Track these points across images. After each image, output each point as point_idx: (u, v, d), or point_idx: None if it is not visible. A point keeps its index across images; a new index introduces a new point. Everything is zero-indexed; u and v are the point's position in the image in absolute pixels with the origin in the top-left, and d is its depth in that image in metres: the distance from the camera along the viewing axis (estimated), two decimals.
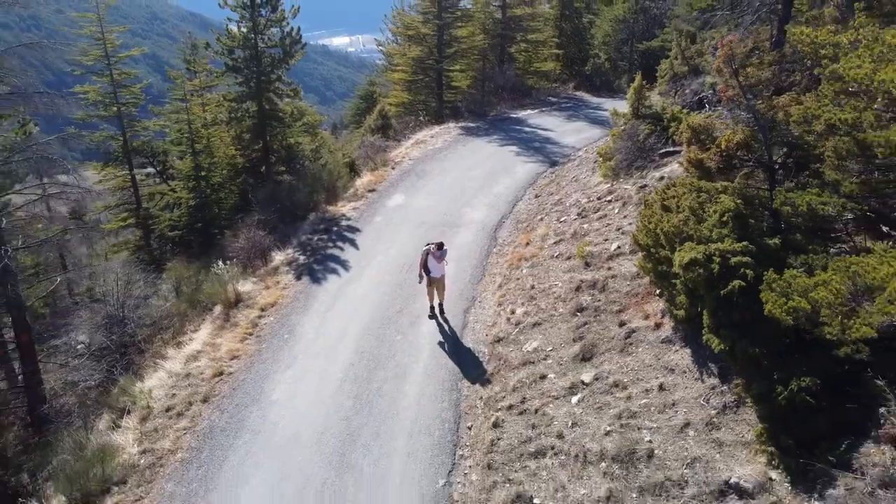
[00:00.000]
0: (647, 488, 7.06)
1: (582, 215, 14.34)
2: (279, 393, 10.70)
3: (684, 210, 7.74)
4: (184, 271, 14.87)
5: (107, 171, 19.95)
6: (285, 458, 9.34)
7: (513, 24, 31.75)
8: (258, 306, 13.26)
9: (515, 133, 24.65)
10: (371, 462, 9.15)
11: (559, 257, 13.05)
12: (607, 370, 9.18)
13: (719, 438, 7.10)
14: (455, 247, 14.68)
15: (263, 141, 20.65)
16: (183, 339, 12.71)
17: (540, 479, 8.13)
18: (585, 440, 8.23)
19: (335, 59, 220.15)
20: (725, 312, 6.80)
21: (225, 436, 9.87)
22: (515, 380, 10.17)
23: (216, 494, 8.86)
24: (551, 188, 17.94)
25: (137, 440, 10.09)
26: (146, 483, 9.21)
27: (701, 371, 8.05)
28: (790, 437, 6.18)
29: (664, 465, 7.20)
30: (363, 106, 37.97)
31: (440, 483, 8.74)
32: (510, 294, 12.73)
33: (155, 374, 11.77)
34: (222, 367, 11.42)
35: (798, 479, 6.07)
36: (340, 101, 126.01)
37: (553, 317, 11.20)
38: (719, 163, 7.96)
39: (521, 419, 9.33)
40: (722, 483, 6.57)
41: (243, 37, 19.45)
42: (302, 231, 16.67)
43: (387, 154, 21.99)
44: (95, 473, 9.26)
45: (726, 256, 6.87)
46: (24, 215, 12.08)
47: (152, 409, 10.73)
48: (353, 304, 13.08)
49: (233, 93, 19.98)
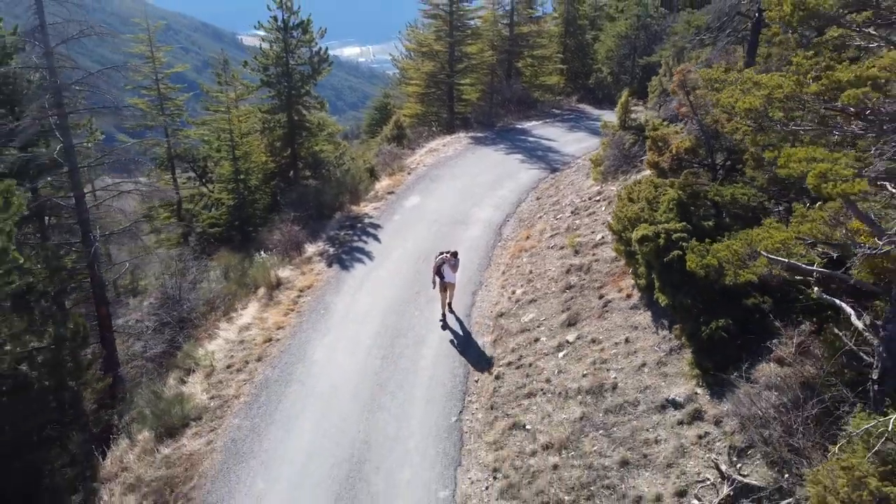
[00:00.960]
0: (611, 409, 9.47)
1: (575, 213, 16.80)
2: (319, 354, 13.18)
3: (642, 201, 10.19)
4: (231, 259, 17.42)
5: (152, 174, 22.60)
6: (327, 402, 11.80)
7: (520, 41, 34.40)
8: (297, 288, 15.78)
9: (520, 142, 27.16)
10: (397, 405, 11.58)
11: (554, 248, 15.50)
12: (587, 331, 11.61)
13: (665, 372, 9.51)
14: (465, 241, 17.19)
15: (292, 148, 23.28)
16: (233, 315, 15.24)
17: (531, 412, 10.54)
18: (567, 382, 10.64)
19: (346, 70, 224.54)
20: (668, 275, 9.24)
21: (278, 385, 12.34)
22: (514, 343, 12.61)
23: (274, 427, 11.31)
24: (551, 191, 20.40)
25: (205, 390, 12.59)
26: (217, 419, 11.69)
27: (656, 326, 10.46)
28: (710, 363, 8.58)
29: (624, 392, 9.61)
30: (378, 116, 40.62)
31: (452, 419, 11.16)
32: (512, 278, 15.18)
33: (213, 341, 14.27)
34: (271, 335, 13.92)
35: (714, 391, 8.48)
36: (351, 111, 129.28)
37: (546, 294, 13.63)
38: (671, 164, 10.41)
39: (517, 372, 11.75)
40: (663, 400, 8.98)
41: (276, 56, 22.13)
42: (330, 227, 19.21)
43: (403, 161, 24.57)
44: (176, 412, 11.75)
45: (670, 233, 9.31)
46: (105, 207, 14.66)
47: (215, 367, 13.23)
48: (377, 287, 15.55)
49: (266, 105, 22.65)
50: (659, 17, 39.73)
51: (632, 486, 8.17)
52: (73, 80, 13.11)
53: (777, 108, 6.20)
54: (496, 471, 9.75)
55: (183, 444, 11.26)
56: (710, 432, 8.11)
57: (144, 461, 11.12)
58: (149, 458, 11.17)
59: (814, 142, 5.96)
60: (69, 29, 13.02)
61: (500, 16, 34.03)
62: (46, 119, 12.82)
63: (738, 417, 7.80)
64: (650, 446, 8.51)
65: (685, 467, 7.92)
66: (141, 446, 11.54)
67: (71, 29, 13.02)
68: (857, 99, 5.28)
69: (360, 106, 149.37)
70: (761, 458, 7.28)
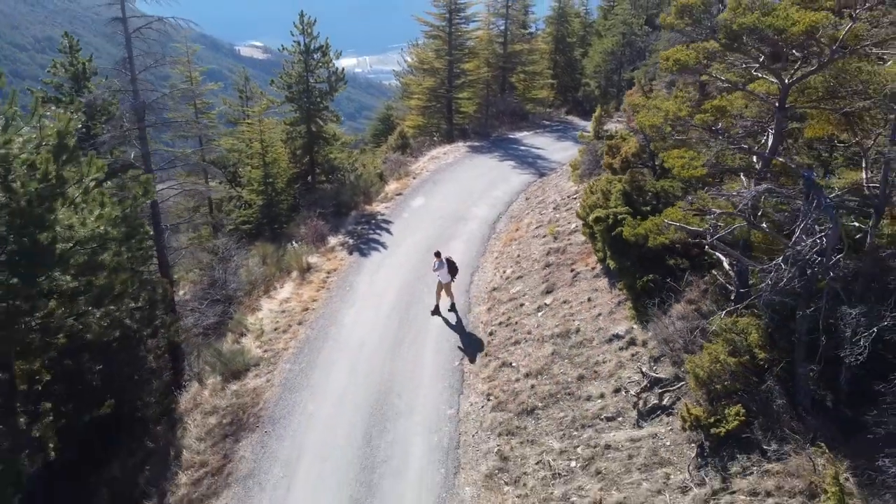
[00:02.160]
0: (574, 345, 13.04)
1: (556, 209, 20.43)
2: (348, 319, 16.70)
3: (598, 192, 13.81)
4: (267, 249, 20.90)
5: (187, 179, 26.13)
6: (357, 353, 15.29)
7: (513, 58, 38.22)
8: (324, 271, 19.32)
9: (513, 151, 30.86)
10: (412, 354, 15.07)
11: (538, 236, 19.10)
12: (560, 296, 15.19)
13: (614, 317, 13.08)
14: (464, 234, 20.78)
15: (311, 156, 26.92)
16: (273, 293, 18.76)
17: (516, 354, 14.08)
18: (544, 331, 14.20)
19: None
20: (614, 245, 12.84)
21: (316, 342, 15.85)
22: (503, 309, 16.17)
23: (317, 370, 14.81)
24: (538, 192, 24.02)
25: (258, 346, 16.09)
26: (271, 365, 15.19)
27: (610, 287, 14.05)
28: (641, 306, 12.16)
29: (584, 333, 13.19)
30: (381, 127, 44.38)
31: (456, 363, 14.67)
32: (503, 262, 18.75)
33: (259, 312, 17.78)
34: (307, 306, 17.45)
35: (644, 325, 12.06)
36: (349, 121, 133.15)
37: (530, 272, 17.21)
38: (621, 165, 14.03)
39: (506, 328, 15.29)
40: (611, 335, 12.56)
41: (298, 75, 25.82)
42: (348, 223, 22.78)
43: (408, 167, 28.23)
44: (238, 360, 15.24)
45: (616, 215, 12.91)
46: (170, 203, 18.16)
47: (264, 330, 16.73)
48: (392, 270, 19.08)
49: (289, 118, 26.29)
50: (643, 34, 43.76)
51: (585, 391, 11.72)
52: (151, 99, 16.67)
53: (668, 125, 9.83)
54: (489, 395, 13.27)
55: (247, 382, 14.75)
56: (639, 351, 11.69)
57: (216, 396, 14.60)
58: (220, 393, 14.66)
59: (687, 146, 9.60)
60: (147, 60, 16.64)
61: (495, 35, 37.89)
62: (131, 130, 16.39)
63: (657, 339, 11.37)
64: (599, 365, 12.08)
65: (621, 375, 11.49)
66: (211, 387, 15.02)
67: (149, 60, 16.64)
68: (705, 121, 8.91)
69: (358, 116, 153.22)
70: (668, 362, 10.85)
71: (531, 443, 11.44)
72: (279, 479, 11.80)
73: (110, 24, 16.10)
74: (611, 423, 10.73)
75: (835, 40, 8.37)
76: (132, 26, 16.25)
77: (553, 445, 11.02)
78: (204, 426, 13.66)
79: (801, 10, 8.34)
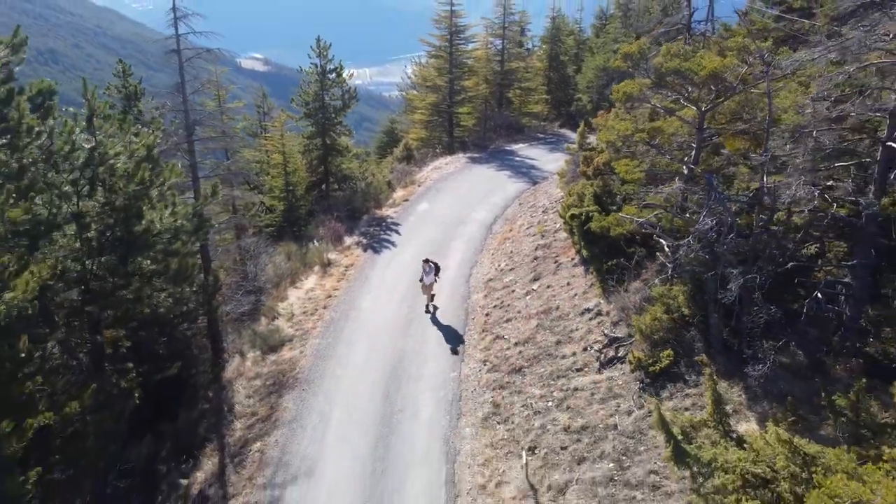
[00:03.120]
0: (554, 318, 16.24)
1: (545, 212, 23.69)
2: (365, 304, 19.89)
3: (575, 195, 17.07)
4: (291, 247, 24.13)
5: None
6: (374, 331, 18.46)
7: (509, 75, 41.68)
8: (342, 266, 22.54)
9: (509, 161, 34.17)
10: (421, 332, 18.23)
11: (529, 235, 22.34)
12: (545, 282, 18.40)
13: (587, 296, 16.29)
14: (464, 234, 24.01)
15: (325, 166, 30.24)
16: (298, 284, 21.96)
17: (507, 329, 17.26)
18: (531, 310, 17.39)
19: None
20: (586, 237, 16.08)
21: (340, 322, 19.03)
22: (498, 295, 19.36)
23: (342, 344, 17.98)
24: (530, 198, 27.30)
25: (290, 326, 19.27)
26: (303, 340, 18.37)
27: (585, 273, 17.28)
28: (607, 285, 15.38)
29: (562, 309, 16.39)
30: (386, 140, 47.84)
31: (457, 339, 17.83)
32: (498, 257, 21.98)
33: (287, 300, 20.97)
34: (329, 293, 20.66)
35: (608, 299, 15.26)
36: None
37: (521, 264, 20.43)
38: (594, 172, 17.29)
39: (499, 310, 18.48)
40: (583, 309, 15.76)
41: (315, 93, 29.20)
42: (361, 225, 26.04)
43: (413, 176, 31.54)
44: (275, 337, 18.42)
45: (588, 212, 16.16)
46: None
47: (294, 313, 19.92)
48: (401, 264, 22.29)
49: (306, 132, 29.64)
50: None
51: (561, 352, 14.91)
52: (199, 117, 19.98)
53: (620, 140, 13.11)
54: (485, 361, 16.43)
55: (283, 354, 17.93)
56: (604, 319, 14.90)
57: (258, 365, 17.77)
58: (261, 363, 17.83)
59: (633, 157, 12.87)
60: (196, 83, 19.95)
61: (493, 54, 41.38)
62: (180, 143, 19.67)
63: (617, 309, 14.59)
64: (573, 332, 15.28)
65: (588, 337, 14.70)
66: (252, 359, 18.19)
67: (197, 83, 19.96)
68: (643, 138, 12.19)
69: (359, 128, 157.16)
70: (624, 325, 14.07)
71: (518, 393, 14.61)
72: (317, 423, 14.96)
73: (166, 55, 19.41)
74: (579, 373, 13.92)
75: (737, 79, 11.67)
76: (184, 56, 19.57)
77: (535, 392, 14.19)
78: (251, 387, 16.83)
79: (711, 57, 11.64)
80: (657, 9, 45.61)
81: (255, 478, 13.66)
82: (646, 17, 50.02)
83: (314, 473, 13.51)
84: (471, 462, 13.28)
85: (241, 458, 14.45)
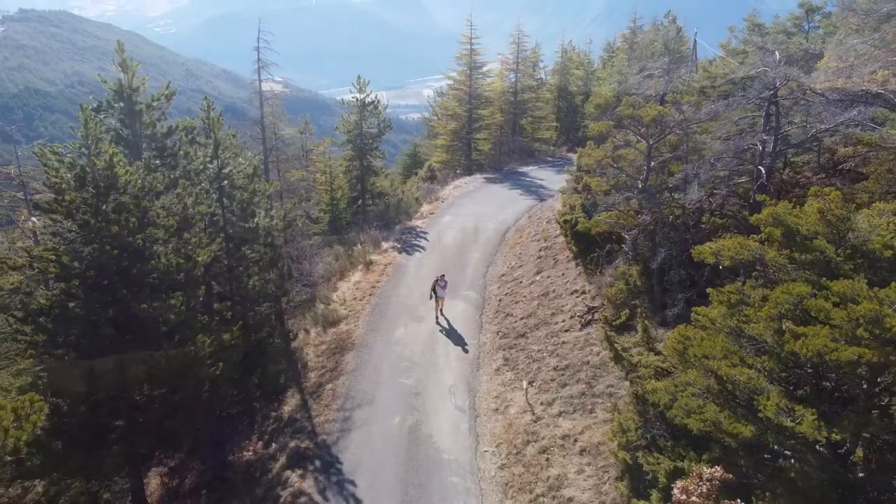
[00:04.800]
0: (550, 298, 21.89)
1: (548, 222, 29.43)
2: (403, 292, 25.63)
3: (568, 206, 22.80)
4: (339, 249, 30.03)
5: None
6: (411, 312, 24.15)
7: (522, 105, 47.79)
8: (382, 264, 28.37)
9: (521, 181, 40.03)
10: (448, 313, 23.90)
11: (535, 240, 28.07)
12: (545, 274, 24.08)
13: (576, 281, 21.94)
14: (482, 241, 29.81)
15: (362, 184, 36.27)
16: (346, 278, 27.79)
17: (515, 309, 22.91)
18: (533, 295, 23.05)
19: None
20: (575, 236, 21.79)
21: (383, 305, 24.77)
22: (509, 286, 25.04)
23: (386, 320, 23.70)
24: (538, 212, 33.06)
25: (343, 308, 25.04)
26: (355, 318, 24.12)
27: (576, 265, 22.95)
28: (589, 270, 21.03)
29: (557, 291, 22.05)
30: (409, 162, 54.01)
31: (478, 317, 23.48)
32: (509, 258, 27.70)
33: (338, 290, 26.78)
34: (373, 285, 26.45)
35: (590, 281, 20.90)
36: None
37: (527, 262, 26.13)
38: (582, 188, 23.02)
39: (509, 296, 24.15)
40: (572, 290, 21.42)
41: (354, 123, 35.35)
42: (395, 233, 31.91)
43: (437, 193, 37.46)
44: (333, 316, 24.18)
45: (576, 218, 21.89)
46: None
47: (346, 299, 25.72)
48: (430, 263, 28.05)
49: (346, 154, 35.77)
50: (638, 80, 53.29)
51: (554, 320, 20.53)
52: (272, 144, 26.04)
53: (595, 162, 18.87)
54: (498, 332, 22.05)
55: (340, 328, 23.69)
56: (586, 295, 20.54)
57: (321, 336, 23.52)
58: (322, 335, 23.58)
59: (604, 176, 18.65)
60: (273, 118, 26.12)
61: (507, 87, 47.53)
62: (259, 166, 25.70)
63: (596, 287, 20.22)
64: (563, 306, 20.91)
65: (574, 310, 20.31)
66: (315, 333, 23.96)
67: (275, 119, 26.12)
68: (609, 163, 17.98)
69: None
70: (600, 298, 19.70)
71: (522, 350, 20.22)
72: (372, 372, 20.63)
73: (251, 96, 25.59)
74: (566, 332, 19.53)
75: (674, 122, 17.44)
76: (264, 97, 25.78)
77: (534, 348, 19.81)
78: (318, 350, 22.59)
79: (653, 107, 17.45)
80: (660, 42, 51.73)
81: (330, 406, 19.34)
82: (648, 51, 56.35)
83: (373, 402, 19.16)
84: (486, 396, 18.88)
85: (317, 394, 20.14)
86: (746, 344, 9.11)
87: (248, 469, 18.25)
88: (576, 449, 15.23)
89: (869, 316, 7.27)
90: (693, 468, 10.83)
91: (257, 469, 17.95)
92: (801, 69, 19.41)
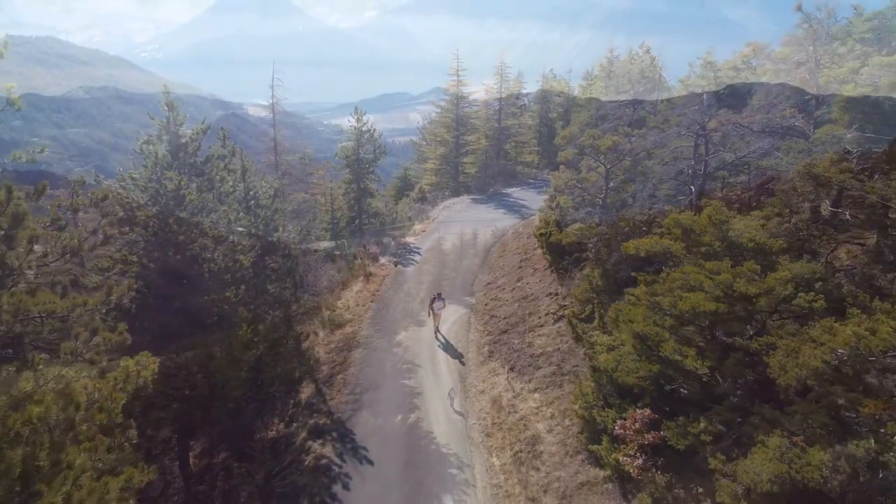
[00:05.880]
0: (528, 301, 25.85)
1: (528, 237, 33.45)
2: (401, 298, 29.43)
3: (544, 221, 26.82)
4: (341, 263, 33.81)
5: None
6: (409, 317, 27.95)
7: (506, 131, 52.12)
8: (380, 275, 32.20)
9: (505, 202, 44.16)
10: (441, 317, 27.74)
11: (516, 253, 32.06)
12: (525, 281, 28.03)
13: (551, 285, 25.89)
14: (470, 255, 33.76)
15: (359, 205, 40.22)
16: (348, 288, 31.57)
17: (498, 311, 26.79)
18: (514, 298, 26.96)
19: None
20: (549, 247, 25.80)
21: (383, 311, 28.56)
22: (493, 293, 28.95)
23: (387, 323, 27.48)
24: (520, 228, 37.13)
25: (347, 313, 28.79)
26: (359, 322, 27.88)
27: (550, 272, 26.91)
28: (561, 277, 25.00)
29: (534, 294, 25.98)
30: (400, 185, 58.10)
31: (466, 319, 27.35)
32: (494, 269, 31.65)
33: (342, 298, 30.53)
34: (373, 293, 30.25)
35: (562, 284, 24.87)
36: None
37: (509, 272, 30.07)
38: (556, 205, 27.07)
39: (493, 301, 28.04)
40: (547, 293, 25.36)
41: (352, 149, 39.40)
42: (390, 249, 35.80)
43: (427, 213, 41.47)
44: (338, 319, 27.92)
45: (550, 231, 25.92)
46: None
47: (349, 305, 29.47)
48: (424, 274, 31.91)
49: (345, 178, 39.76)
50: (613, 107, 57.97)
51: (531, 318, 24.42)
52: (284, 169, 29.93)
53: (564, 183, 22.94)
54: (484, 330, 25.89)
55: (346, 330, 27.41)
56: (558, 297, 24.47)
57: (329, 337, 27.23)
58: (330, 336, 27.29)
59: (572, 194, 22.75)
60: (287, 144, 30.06)
61: (492, 114, 51.92)
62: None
63: (566, 289, 24.17)
64: (539, 307, 24.82)
65: (549, 309, 24.23)
66: (322, 335, 27.66)
67: (288, 145, 30.05)
68: (573, 184, 22.08)
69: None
70: (570, 298, 23.63)
71: (504, 343, 24.06)
72: (377, 365, 24.34)
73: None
74: (541, 328, 23.43)
75: (627, 149, 21.58)
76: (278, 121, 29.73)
77: (514, 341, 23.67)
78: (328, 348, 26.31)
79: (609, 138, 21.60)
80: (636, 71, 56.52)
81: (342, 391, 23.02)
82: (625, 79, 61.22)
83: (379, 388, 22.86)
84: (474, 380, 22.67)
85: (330, 383, 23.82)
86: (658, 311, 13.05)
87: (273, 445, 21.85)
88: (547, 414, 19.06)
89: (725, 282, 11.22)
90: (630, 412, 14.88)
91: (282, 443, 21.56)
92: (739, 102, 23.82)
